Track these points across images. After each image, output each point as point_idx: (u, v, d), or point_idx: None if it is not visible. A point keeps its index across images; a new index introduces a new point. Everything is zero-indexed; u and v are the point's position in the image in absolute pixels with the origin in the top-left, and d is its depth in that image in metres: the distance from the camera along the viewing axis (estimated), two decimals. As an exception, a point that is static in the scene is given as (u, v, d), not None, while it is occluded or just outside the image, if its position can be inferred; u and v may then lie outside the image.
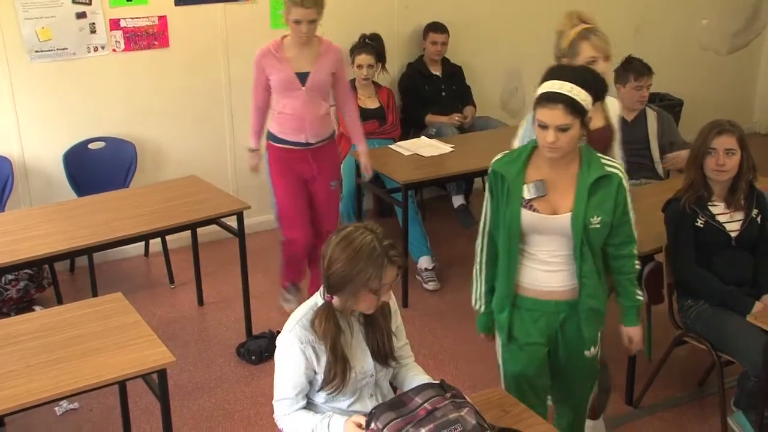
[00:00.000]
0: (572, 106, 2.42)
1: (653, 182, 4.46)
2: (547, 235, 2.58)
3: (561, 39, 3.05)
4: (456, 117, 5.53)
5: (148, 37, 4.94)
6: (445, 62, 5.71)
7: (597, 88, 2.55)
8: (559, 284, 2.64)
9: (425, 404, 2.16)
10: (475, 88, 5.85)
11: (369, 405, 2.32)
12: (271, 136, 4.11)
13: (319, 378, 2.30)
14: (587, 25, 3.01)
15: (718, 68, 7.16)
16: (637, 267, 2.74)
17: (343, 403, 2.35)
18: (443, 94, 5.64)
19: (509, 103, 6.29)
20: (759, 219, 3.28)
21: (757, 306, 3.16)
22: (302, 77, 3.94)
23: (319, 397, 2.34)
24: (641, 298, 2.76)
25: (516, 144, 2.91)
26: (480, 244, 2.75)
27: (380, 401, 2.36)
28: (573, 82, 2.45)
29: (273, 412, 2.36)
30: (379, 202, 5.76)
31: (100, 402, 3.72)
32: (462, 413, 2.12)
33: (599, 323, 2.73)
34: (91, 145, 4.90)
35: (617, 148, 3.09)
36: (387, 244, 2.22)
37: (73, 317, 3.00)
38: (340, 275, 2.19)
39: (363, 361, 2.35)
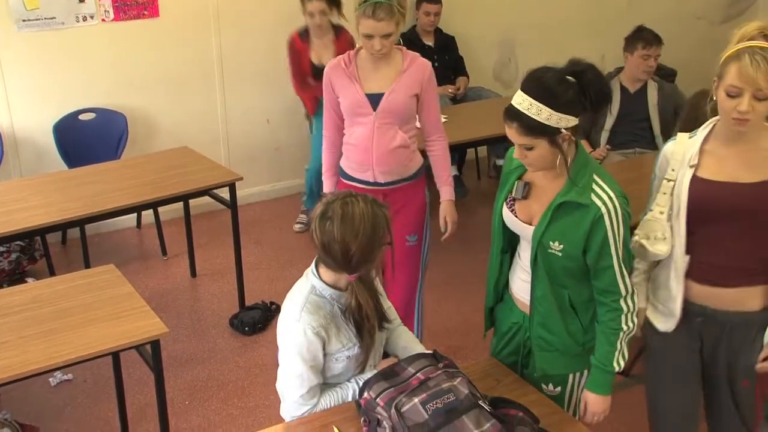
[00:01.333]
0: (530, 126, 2.11)
1: (647, 152, 4.46)
2: (525, 242, 2.37)
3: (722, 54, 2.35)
4: (449, 89, 5.51)
5: (137, 7, 4.88)
6: (438, 33, 5.67)
7: (587, 99, 2.13)
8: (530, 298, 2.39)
9: (418, 374, 2.17)
10: (468, 59, 5.82)
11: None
12: (341, 171, 3.37)
13: (337, 357, 2.28)
14: (759, 43, 2.20)
15: (712, 37, 7.11)
16: (627, 327, 2.27)
17: (348, 377, 2.36)
18: (436, 64, 5.56)
19: (502, 73, 6.26)
20: None
21: None
22: (374, 99, 3.16)
23: (326, 376, 2.33)
24: (616, 367, 2.30)
25: None
26: None
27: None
28: (542, 97, 2.10)
29: (266, 383, 2.36)
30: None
31: (94, 373, 3.73)
32: (455, 383, 2.13)
33: (562, 363, 2.39)
34: (81, 116, 4.86)
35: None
36: (370, 199, 2.23)
37: (66, 289, 3.00)
38: (362, 251, 2.17)
39: None
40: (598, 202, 2.17)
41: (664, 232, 2.35)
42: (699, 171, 2.30)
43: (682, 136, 2.38)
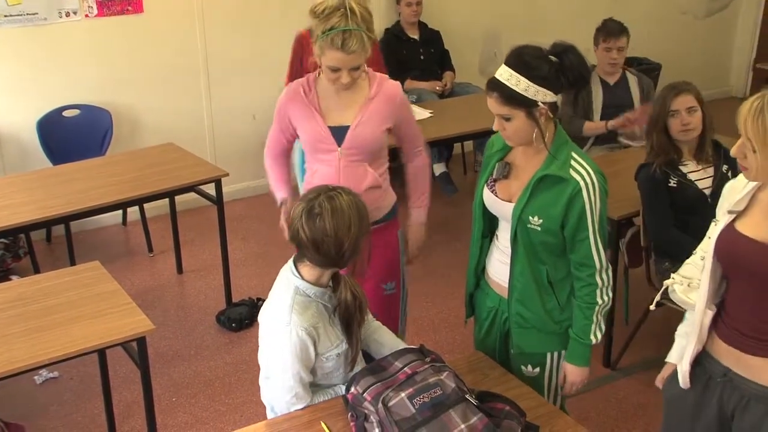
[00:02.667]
0: (509, 96, 2.20)
1: (633, 146, 4.47)
2: (504, 222, 2.41)
3: None
4: (437, 86, 5.51)
5: (121, 3, 4.85)
6: (423, 26, 5.66)
7: (565, 78, 2.20)
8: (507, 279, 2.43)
9: (405, 368, 2.17)
10: (454, 54, 5.82)
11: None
12: None
13: (327, 356, 2.27)
14: None
15: (695, 32, 7.17)
16: (602, 301, 2.33)
17: (338, 375, 2.35)
18: (422, 57, 5.61)
19: (488, 67, 6.26)
20: (729, 174, 3.31)
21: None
22: (339, 133, 2.74)
23: (316, 376, 2.32)
24: (593, 339, 2.36)
25: None
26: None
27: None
28: (521, 69, 2.18)
29: (253, 379, 2.35)
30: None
31: (80, 371, 3.71)
32: (441, 377, 2.14)
33: (540, 341, 2.43)
34: (65, 113, 4.83)
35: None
36: (345, 189, 2.24)
37: (51, 286, 2.98)
38: (353, 242, 2.18)
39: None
40: (577, 177, 2.24)
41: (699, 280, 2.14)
42: (738, 220, 2.01)
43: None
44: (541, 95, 2.19)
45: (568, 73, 2.21)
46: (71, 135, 4.78)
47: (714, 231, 2.08)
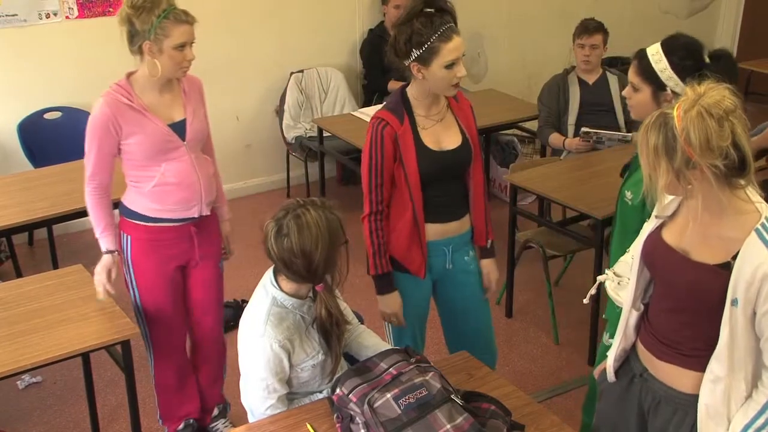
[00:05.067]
0: (644, 68, 2.38)
1: (616, 145, 4.49)
2: None
3: None
4: None
5: (102, 4, 4.82)
6: (407, 27, 5.66)
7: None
8: None
9: (390, 369, 2.17)
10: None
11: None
12: (135, 215, 2.88)
13: (302, 366, 2.27)
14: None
15: (677, 31, 7.22)
16: None
17: (315, 384, 2.35)
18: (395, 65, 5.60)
19: (472, 68, 6.28)
20: None
21: None
22: (177, 129, 2.81)
23: (292, 386, 2.32)
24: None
25: None
26: None
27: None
28: (667, 50, 2.35)
29: (239, 381, 2.35)
30: (342, 169, 5.75)
31: (63, 375, 3.69)
32: (427, 377, 2.14)
33: None
34: (46, 115, 4.79)
35: None
36: (319, 202, 2.24)
37: (34, 290, 2.96)
38: (324, 260, 2.18)
39: None
40: None
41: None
42: (665, 226, 2.02)
43: None
44: (673, 82, 2.29)
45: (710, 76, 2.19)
46: (53, 137, 4.74)
47: (643, 232, 2.11)
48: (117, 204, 2.95)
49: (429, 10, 2.53)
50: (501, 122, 5.10)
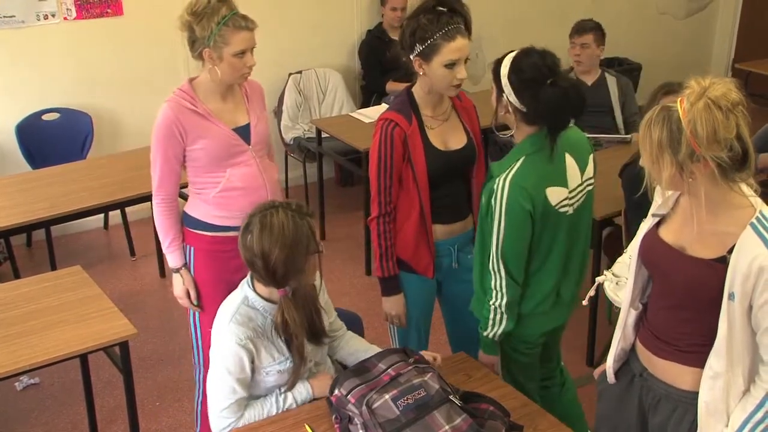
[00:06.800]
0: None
1: (612, 146, 4.50)
2: None
3: None
4: None
5: (100, 5, 4.81)
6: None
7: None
8: None
9: (389, 370, 2.17)
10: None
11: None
12: (199, 224, 2.80)
13: (267, 370, 2.25)
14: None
15: (675, 32, 7.23)
16: (492, 305, 2.43)
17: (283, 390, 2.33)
18: (403, 59, 5.60)
19: (470, 68, 6.27)
20: None
21: None
22: (242, 133, 2.77)
23: (258, 389, 2.30)
24: (488, 330, 2.48)
25: None
26: None
27: None
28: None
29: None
30: (340, 170, 5.75)
31: (61, 376, 3.69)
32: (425, 378, 2.14)
33: (476, 305, 2.56)
34: (44, 116, 4.78)
35: None
36: (294, 206, 2.21)
37: (32, 291, 2.96)
38: (283, 263, 2.14)
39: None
40: (496, 178, 2.35)
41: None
42: (662, 225, 2.03)
43: None
44: (507, 91, 2.36)
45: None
46: (51, 139, 4.74)
47: (640, 232, 2.11)
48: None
49: (441, 8, 2.54)
50: (499, 122, 5.09)
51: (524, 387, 2.58)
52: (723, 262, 1.86)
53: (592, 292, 2.37)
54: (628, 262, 2.25)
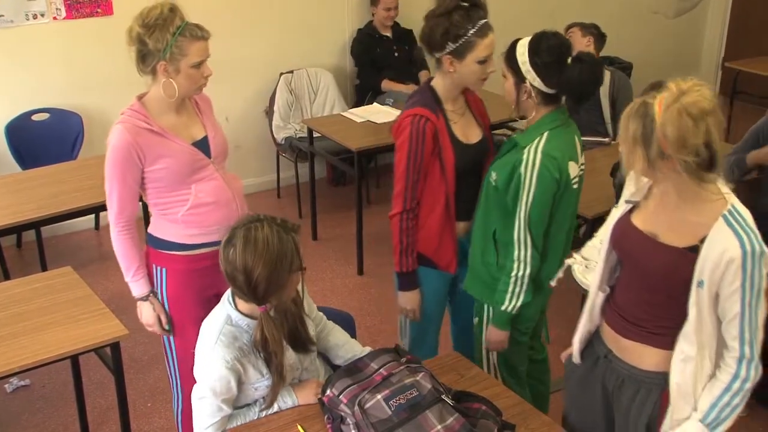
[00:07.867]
0: (507, 58, 2.49)
1: (598, 148, 4.50)
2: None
3: None
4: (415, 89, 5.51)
5: (90, 5, 4.80)
6: (395, 25, 5.67)
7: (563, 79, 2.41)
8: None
9: (381, 370, 2.17)
10: (428, 55, 5.82)
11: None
12: (169, 245, 2.65)
13: (256, 386, 2.23)
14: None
15: (666, 31, 7.26)
16: (514, 276, 2.49)
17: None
18: (396, 55, 5.62)
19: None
20: None
21: None
22: (202, 146, 2.63)
23: (246, 399, 2.28)
24: (502, 306, 2.54)
25: None
26: None
27: None
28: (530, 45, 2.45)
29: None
30: (332, 170, 5.74)
31: (52, 378, 3.67)
32: (417, 378, 2.14)
33: (476, 286, 2.64)
34: (34, 117, 4.77)
35: None
36: (279, 221, 2.14)
37: (22, 292, 2.94)
38: (265, 279, 2.07)
39: (287, 357, 2.26)
40: (524, 149, 2.44)
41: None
42: (634, 211, 2.09)
43: None
44: (531, 77, 2.42)
45: (572, 81, 2.42)
46: (41, 139, 4.72)
47: (612, 217, 2.18)
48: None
49: (464, 3, 2.57)
50: (493, 122, 5.09)
51: (516, 371, 2.62)
52: (695, 251, 1.92)
53: (560, 274, 2.48)
54: (598, 246, 2.31)
